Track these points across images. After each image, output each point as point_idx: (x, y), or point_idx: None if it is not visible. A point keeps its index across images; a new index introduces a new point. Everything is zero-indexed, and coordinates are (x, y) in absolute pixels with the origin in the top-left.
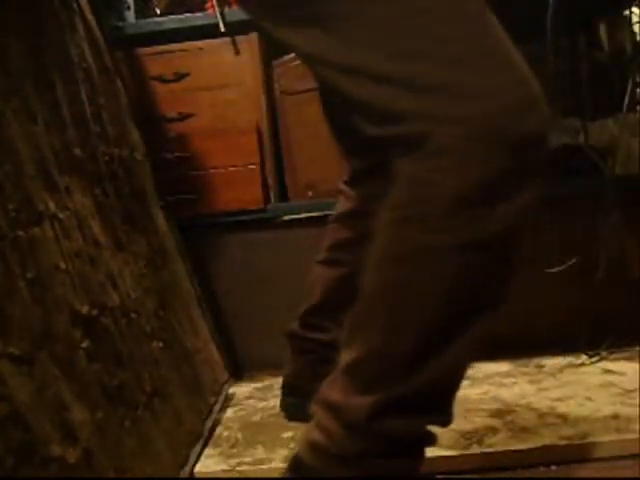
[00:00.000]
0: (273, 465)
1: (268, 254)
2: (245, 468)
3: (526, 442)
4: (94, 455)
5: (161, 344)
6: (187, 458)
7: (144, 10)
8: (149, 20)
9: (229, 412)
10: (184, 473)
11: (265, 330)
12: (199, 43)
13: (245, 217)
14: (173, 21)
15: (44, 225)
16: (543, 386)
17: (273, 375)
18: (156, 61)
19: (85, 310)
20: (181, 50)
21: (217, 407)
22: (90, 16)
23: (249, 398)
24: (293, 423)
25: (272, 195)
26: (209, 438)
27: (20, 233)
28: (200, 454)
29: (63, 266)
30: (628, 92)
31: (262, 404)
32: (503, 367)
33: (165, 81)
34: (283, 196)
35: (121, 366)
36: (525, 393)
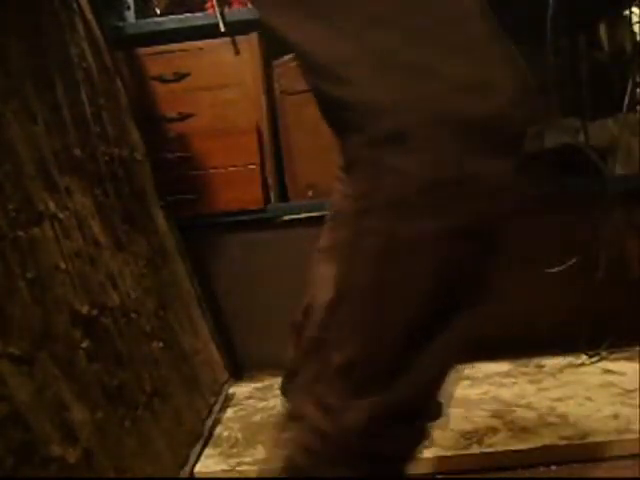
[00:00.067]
0: (273, 465)
1: (268, 254)
2: (245, 468)
3: (526, 442)
4: (94, 455)
5: (161, 344)
6: (187, 458)
7: (144, 10)
8: (149, 20)
9: (229, 412)
10: (184, 473)
11: (265, 330)
12: (199, 43)
13: (245, 217)
14: (173, 21)
15: (44, 225)
16: (543, 386)
17: (273, 375)
18: (156, 61)
19: (85, 310)
20: (181, 50)
21: (217, 407)
22: (90, 16)
23: (249, 398)
24: None
25: (272, 195)
26: (209, 438)
27: (20, 233)
28: (200, 454)
29: (63, 266)
30: (628, 92)
31: (262, 404)
32: (503, 367)
33: (165, 81)
34: (283, 196)
35: (121, 366)
36: (525, 393)
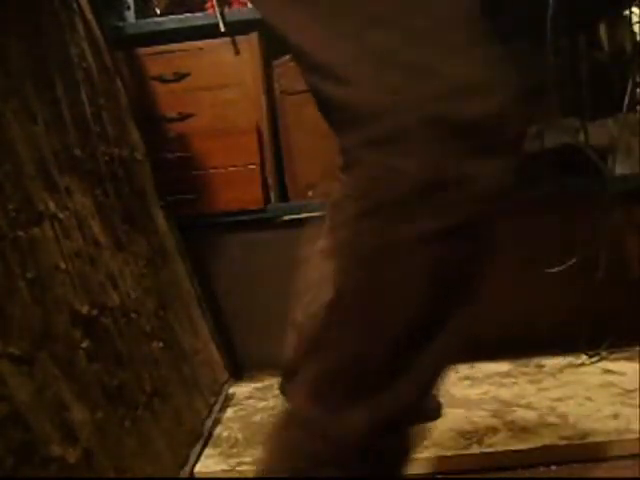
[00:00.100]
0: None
1: (268, 254)
2: (245, 468)
3: (526, 442)
4: (94, 455)
5: (161, 344)
6: (187, 458)
7: (144, 10)
8: (149, 20)
9: (229, 412)
10: (184, 473)
11: (265, 330)
12: (199, 43)
13: (245, 217)
14: (173, 21)
15: (44, 225)
16: (543, 386)
17: (273, 375)
18: (156, 61)
19: (85, 310)
20: (181, 50)
21: (217, 407)
22: (90, 16)
23: (249, 398)
24: None
25: (272, 195)
26: (209, 438)
27: (20, 233)
28: (200, 454)
29: (63, 266)
30: (628, 92)
31: (262, 404)
32: (503, 367)
33: (165, 81)
34: (283, 196)
35: (121, 366)
36: (525, 393)
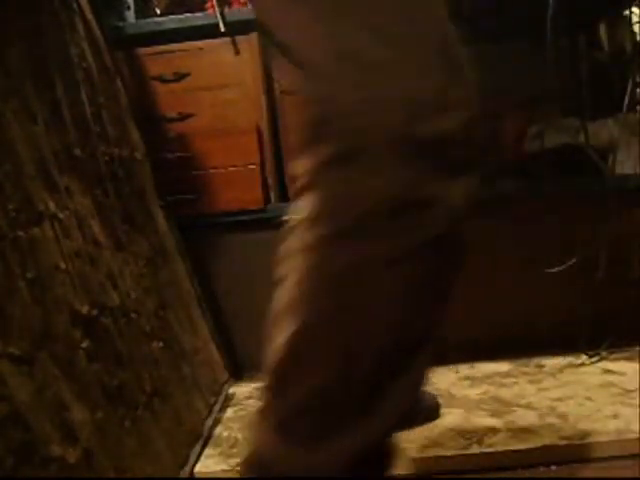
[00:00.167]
0: None
1: (268, 254)
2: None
3: (526, 442)
4: (94, 455)
5: (161, 344)
6: (187, 458)
7: (144, 10)
8: (149, 20)
9: (229, 412)
10: (184, 473)
11: (265, 330)
12: (199, 43)
13: (245, 217)
14: (173, 21)
15: (44, 225)
16: (543, 386)
17: None
18: (156, 61)
19: (85, 310)
20: (181, 50)
21: (217, 407)
22: (90, 16)
23: (249, 398)
24: None
25: (272, 195)
26: (209, 438)
27: (20, 233)
28: (200, 454)
29: (63, 266)
30: (628, 92)
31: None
32: (503, 367)
33: (165, 81)
34: (283, 196)
35: (121, 366)
36: (525, 393)
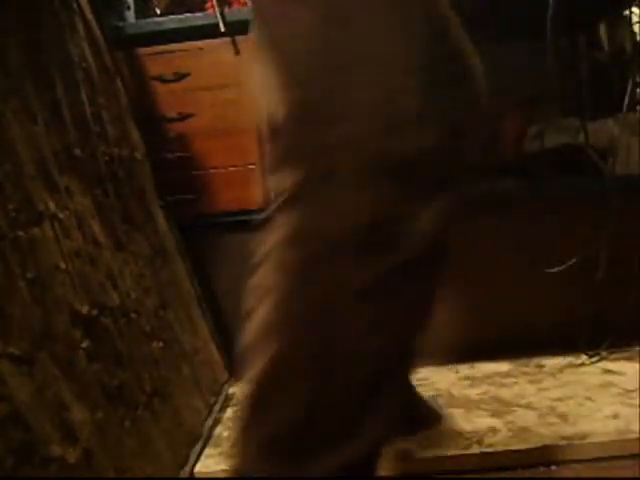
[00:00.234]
0: None
1: None
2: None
3: (526, 442)
4: (94, 455)
5: (161, 344)
6: (187, 458)
7: (144, 10)
8: (149, 20)
9: (229, 412)
10: (184, 473)
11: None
12: (199, 43)
13: (245, 217)
14: (173, 21)
15: (44, 225)
16: (543, 386)
17: None
18: (156, 61)
19: (85, 310)
20: (181, 50)
21: (217, 407)
22: (90, 16)
23: None
24: None
25: (272, 195)
26: (209, 438)
27: (20, 233)
28: (200, 454)
29: (63, 266)
30: (628, 92)
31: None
32: (503, 367)
33: (165, 81)
34: None
35: (121, 366)
36: (525, 393)
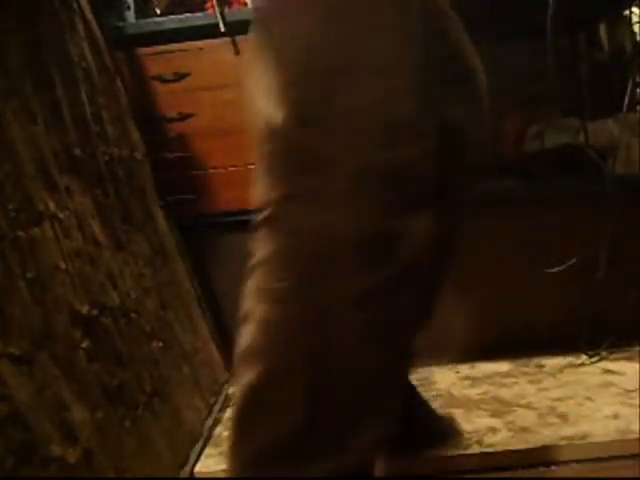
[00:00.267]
0: None
1: None
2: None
3: (526, 442)
4: (94, 455)
5: (161, 344)
6: (187, 458)
7: (144, 10)
8: (149, 20)
9: (229, 412)
10: (184, 473)
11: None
12: (199, 43)
13: (245, 217)
14: (173, 21)
15: (44, 225)
16: (543, 386)
17: None
18: (156, 61)
19: (85, 310)
20: (181, 50)
21: (217, 407)
22: (90, 16)
23: None
24: None
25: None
26: (209, 438)
27: (20, 233)
28: (200, 454)
29: (63, 266)
30: (628, 92)
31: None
32: (503, 367)
33: (165, 81)
34: None
35: (121, 366)
36: (525, 393)
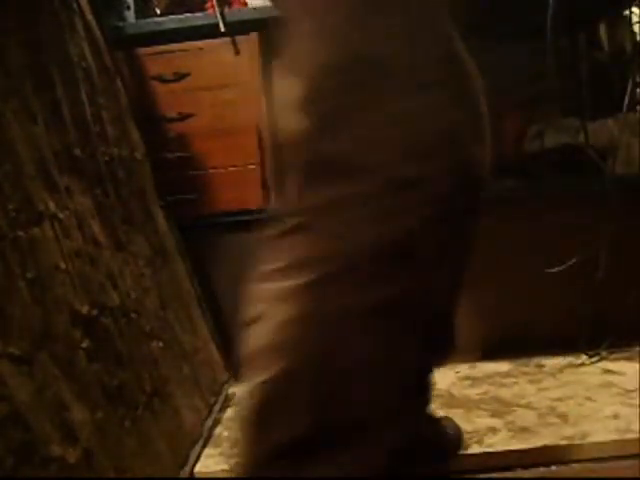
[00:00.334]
0: None
1: None
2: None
3: (526, 442)
4: (94, 455)
5: (161, 344)
6: (187, 458)
7: (144, 10)
8: (149, 20)
9: (229, 412)
10: (184, 473)
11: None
12: (199, 43)
13: (245, 217)
14: (173, 21)
15: (44, 225)
16: (543, 386)
17: None
18: (156, 61)
19: (85, 310)
20: (181, 50)
21: (217, 407)
22: (90, 16)
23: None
24: None
25: (272, 195)
26: (209, 438)
27: (20, 233)
28: (200, 454)
29: (63, 266)
30: (628, 92)
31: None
32: (503, 367)
33: (165, 81)
34: (283, 196)
35: (121, 366)
36: (525, 393)
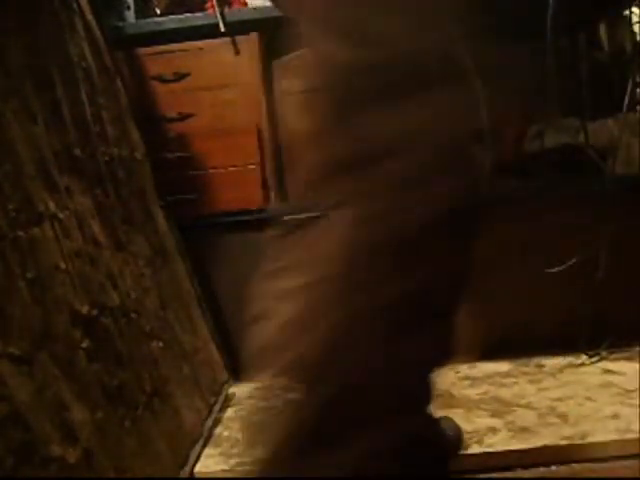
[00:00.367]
0: None
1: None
2: (245, 468)
3: (526, 442)
4: (94, 455)
5: (161, 344)
6: (187, 458)
7: (144, 10)
8: (149, 20)
9: (229, 412)
10: (184, 473)
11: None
12: (199, 43)
13: (245, 217)
14: (173, 21)
15: (44, 225)
16: (543, 386)
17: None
18: (156, 61)
19: (85, 310)
20: (181, 50)
21: (217, 407)
22: (90, 16)
23: (249, 398)
24: None
25: (272, 195)
26: (209, 438)
27: (20, 233)
28: (200, 454)
29: (63, 266)
30: (628, 92)
31: (262, 404)
32: (503, 367)
33: (165, 81)
34: (283, 196)
35: (121, 366)
36: (525, 393)
